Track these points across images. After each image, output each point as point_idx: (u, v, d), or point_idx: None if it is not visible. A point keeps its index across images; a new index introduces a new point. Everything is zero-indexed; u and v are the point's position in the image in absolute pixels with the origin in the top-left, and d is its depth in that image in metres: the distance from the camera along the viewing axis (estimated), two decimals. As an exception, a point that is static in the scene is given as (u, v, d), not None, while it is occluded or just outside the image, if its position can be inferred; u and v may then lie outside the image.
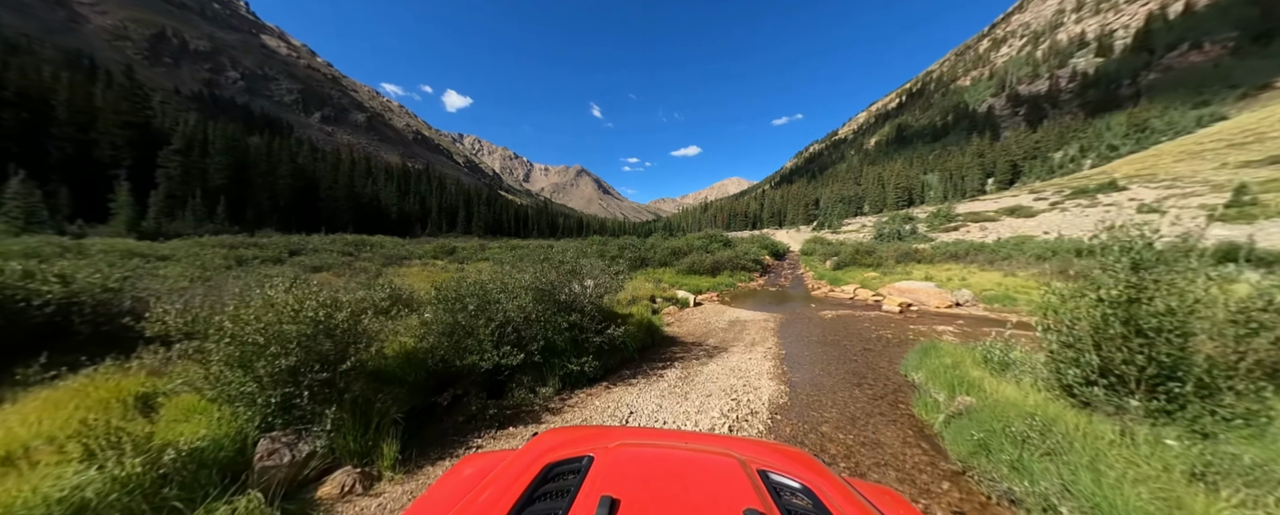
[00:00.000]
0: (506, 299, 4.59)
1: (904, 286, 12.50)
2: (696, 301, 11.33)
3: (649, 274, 16.92)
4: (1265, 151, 46.46)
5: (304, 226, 42.89)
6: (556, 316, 4.86)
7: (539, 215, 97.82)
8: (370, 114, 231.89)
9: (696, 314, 9.71)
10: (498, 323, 4.21)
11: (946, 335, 7.61)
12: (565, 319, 4.88)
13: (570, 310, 5.08)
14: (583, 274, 5.80)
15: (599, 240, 22.86)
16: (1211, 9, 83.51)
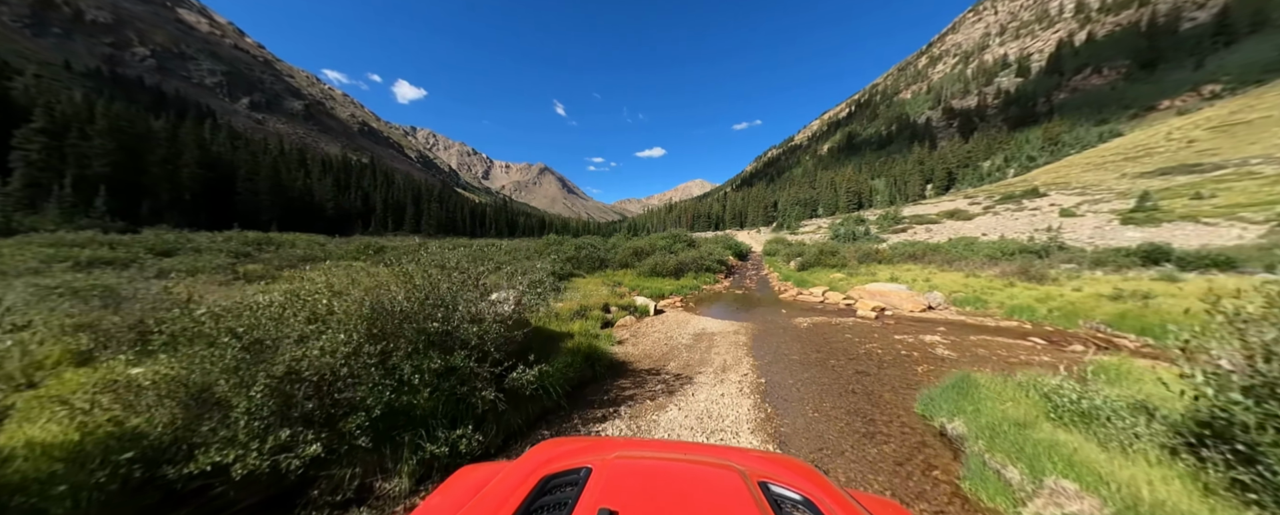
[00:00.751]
0: (314, 333, 2.73)
1: (874, 289, 11.72)
2: (658, 309, 9.85)
3: (607, 277, 15.29)
4: (1154, 164, 52.16)
5: (216, 222, 37.21)
6: (416, 360, 3.07)
7: (498, 214, 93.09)
8: (309, 102, 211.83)
9: (657, 325, 8.20)
10: (274, 383, 2.35)
11: (939, 348, 6.59)
12: (435, 361, 3.07)
13: (449, 347, 3.29)
14: (488, 286, 4.05)
15: (555, 239, 20.89)
16: (1108, 39, 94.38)
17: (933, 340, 7.10)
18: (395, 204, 72.91)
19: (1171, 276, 11.96)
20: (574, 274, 15.33)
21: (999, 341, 7.17)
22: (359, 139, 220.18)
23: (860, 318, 9.45)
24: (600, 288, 11.78)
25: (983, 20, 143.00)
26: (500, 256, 15.79)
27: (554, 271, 13.34)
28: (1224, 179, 39.56)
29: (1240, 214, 27.69)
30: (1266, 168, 39.42)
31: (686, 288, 13.90)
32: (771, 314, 10.04)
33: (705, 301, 12.20)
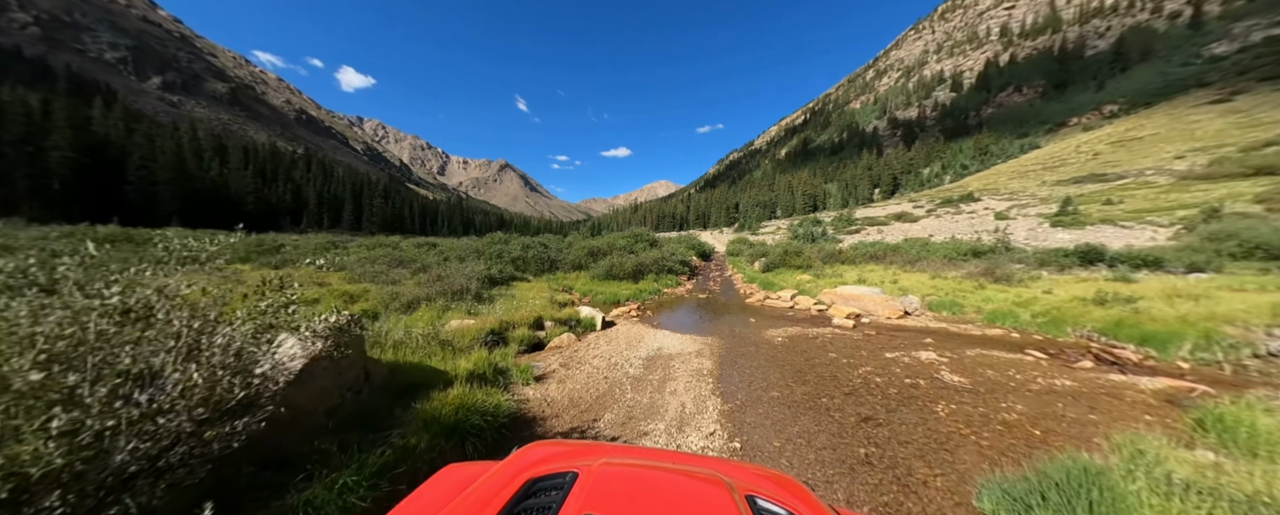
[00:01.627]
0: None
1: (846, 292, 10.65)
2: (607, 321, 8.09)
3: (556, 281, 13.34)
4: (1068, 173, 57.16)
5: (96, 215, 31.02)
6: None
7: (452, 211, 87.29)
8: (235, 85, 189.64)
9: (602, 345, 6.45)
10: None
11: (942, 370, 5.33)
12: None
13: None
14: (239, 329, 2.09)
15: (501, 237, 18.55)
16: (1027, 61, 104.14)
17: (929, 359, 5.87)
18: (332, 199, 66.00)
19: (1125, 277, 11.86)
20: (517, 278, 13.24)
21: (998, 357, 6.08)
22: (296, 128, 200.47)
23: (837, 328, 8.22)
24: (543, 295, 9.87)
25: (923, 38, 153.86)
26: (429, 258, 13.43)
27: (488, 275, 11.22)
28: (1127, 188, 43.57)
29: (1147, 218, 30.27)
30: (1159, 178, 43.85)
31: (645, 292, 12.27)
32: (739, 324, 8.59)
33: (666, 308, 10.60)
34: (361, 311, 6.84)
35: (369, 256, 13.49)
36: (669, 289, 13.75)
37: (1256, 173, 36.22)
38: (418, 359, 4.11)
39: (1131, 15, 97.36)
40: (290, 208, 63.21)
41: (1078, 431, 3.56)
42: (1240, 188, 33.14)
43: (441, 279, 8.32)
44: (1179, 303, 8.14)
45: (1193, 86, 71.84)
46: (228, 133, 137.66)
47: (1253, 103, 60.61)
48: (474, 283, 9.07)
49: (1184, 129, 59.76)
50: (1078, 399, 4.40)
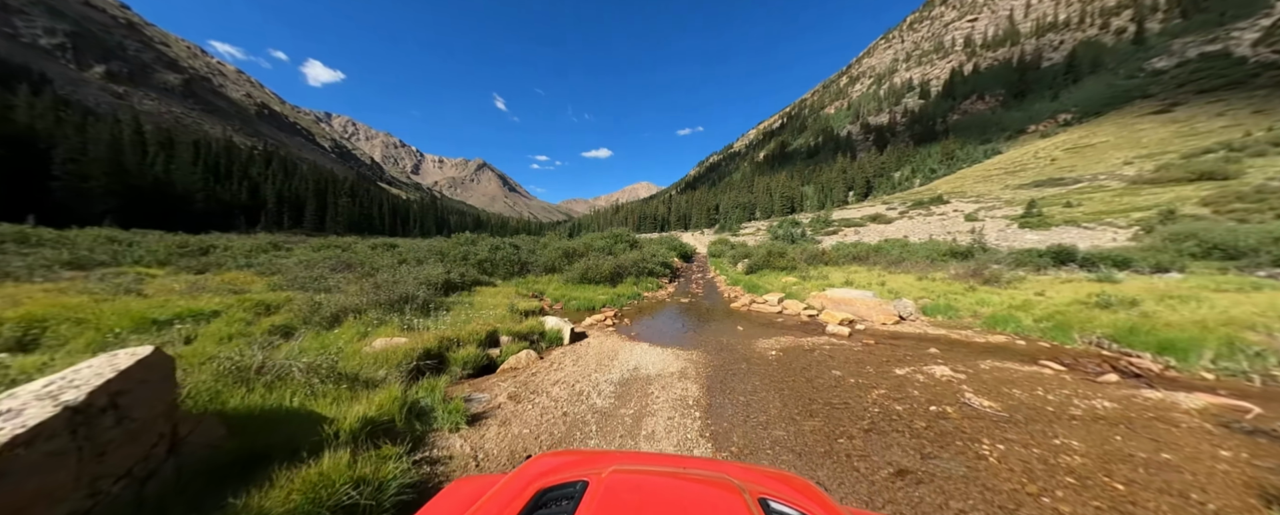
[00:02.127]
0: None
1: (836, 296, 9.94)
2: (577, 332, 7.02)
3: (525, 285, 12.16)
4: (1029, 178, 59.55)
5: (11, 213, 27.50)
6: None
7: (424, 211, 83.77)
8: (189, 76, 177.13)
9: (567, 364, 5.38)
10: None
11: (963, 389, 4.54)
12: None
13: None
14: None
15: (468, 238, 17.14)
16: (988, 71, 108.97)
17: (945, 376, 5.08)
18: (293, 198, 61.99)
19: (1109, 278, 11.66)
20: (482, 282, 11.97)
21: (1016, 371, 5.38)
22: (257, 123, 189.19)
23: (833, 337, 7.42)
24: (507, 302, 8.70)
25: (893, 47, 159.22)
26: (382, 261, 12.00)
27: (446, 280, 9.95)
28: (1083, 191, 45.49)
29: (1106, 220, 31.46)
30: (1112, 183, 45.99)
31: (624, 297, 11.24)
32: (726, 333, 7.68)
33: (645, 314, 9.61)
34: (269, 328, 5.54)
35: (312, 259, 11.93)
36: (649, 293, 12.77)
37: (1199, 178, 38.22)
38: (297, 402, 2.95)
39: (1082, 30, 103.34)
40: (247, 207, 58.96)
41: (1165, 484, 2.76)
42: (1186, 192, 34.91)
43: (383, 286, 7.04)
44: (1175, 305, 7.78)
45: (1137, 97, 76.50)
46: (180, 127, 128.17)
47: (1190, 113, 64.68)
48: (423, 290, 7.82)
49: (1131, 137, 63.21)
50: (1132, 429, 3.65)
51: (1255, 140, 43.22)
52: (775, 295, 11.27)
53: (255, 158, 70.30)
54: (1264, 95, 62.30)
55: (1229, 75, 70.01)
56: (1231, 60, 73.68)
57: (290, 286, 8.51)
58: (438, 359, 4.83)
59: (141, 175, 44.56)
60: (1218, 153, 43.18)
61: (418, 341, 4.84)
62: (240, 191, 59.54)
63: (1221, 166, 38.36)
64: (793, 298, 10.75)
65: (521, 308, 8.29)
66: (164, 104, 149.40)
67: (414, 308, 6.78)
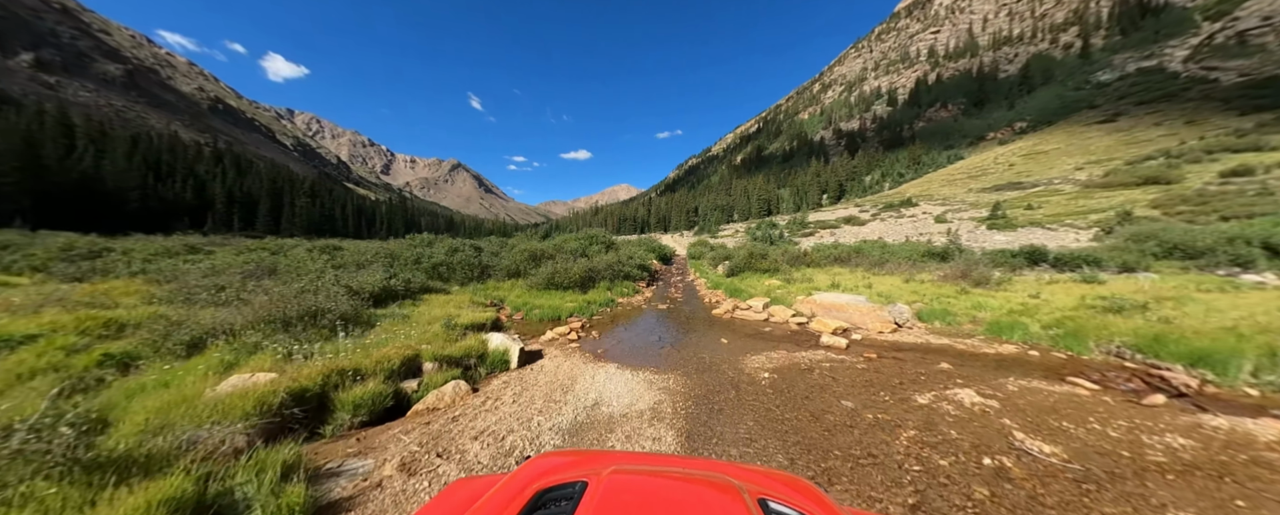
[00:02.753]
0: None
1: (825, 301, 9.06)
2: (530, 350, 5.75)
3: (484, 291, 10.75)
4: (990, 181, 61.88)
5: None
6: None
7: (393, 212, 79.69)
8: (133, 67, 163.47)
9: (506, 399, 4.12)
10: None
11: (1004, 423, 3.58)
12: None
13: None
14: None
15: (425, 240, 15.49)
16: (950, 81, 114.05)
17: (973, 402, 4.13)
18: (246, 197, 57.40)
19: (1093, 278, 11.33)
20: (433, 289, 10.49)
21: (1047, 393, 4.52)
22: (210, 119, 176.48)
23: (829, 349, 6.45)
24: (452, 312, 7.34)
25: (862, 57, 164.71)
26: (314, 266, 10.34)
27: (384, 288, 8.46)
28: (1040, 194, 47.32)
29: (1066, 221, 32.56)
30: (1066, 187, 48.07)
31: (596, 304, 10.01)
32: (709, 347, 6.59)
33: (618, 325, 8.41)
34: (102, 358, 4.05)
35: (227, 264, 10.13)
36: (625, 298, 11.58)
37: (1145, 182, 40.24)
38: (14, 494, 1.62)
39: (1035, 44, 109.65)
40: (192, 207, 54.16)
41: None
42: (1134, 195, 36.64)
43: (278, 300, 5.56)
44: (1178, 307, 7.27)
45: (1084, 108, 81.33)
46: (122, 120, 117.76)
47: (1131, 123, 68.97)
48: (344, 301, 6.37)
49: (1080, 144, 66.72)
50: (1239, 483, 2.75)
51: (1190, 148, 46.06)
52: (760, 300, 10.31)
53: (204, 154, 64.89)
54: (1194, 107, 66.98)
55: (1164, 88, 75.32)
56: (1166, 74, 79.40)
57: (177, 299, 6.86)
58: (319, 401, 3.48)
59: (64, 172, 39.89)
60: (1158, 159, 45.84)
61: (289, 379, 3.47)
62: (184, 190, 54.61)
63: (1164, 172, 40.50)
64: (779, 303, 9.80)
65: (468, 321, 6.94)
66: (102, 95, 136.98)
67: (320, 325, 5.35)
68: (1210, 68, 78.31)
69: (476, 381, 4.62)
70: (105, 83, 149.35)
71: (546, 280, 10.76)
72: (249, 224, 56.33)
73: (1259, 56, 76.06)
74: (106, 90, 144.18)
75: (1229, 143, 44.08)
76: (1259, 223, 18.83)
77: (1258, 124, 50.17)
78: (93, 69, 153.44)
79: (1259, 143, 41.13)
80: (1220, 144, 44.36)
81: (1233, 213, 24.67)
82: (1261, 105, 55.35)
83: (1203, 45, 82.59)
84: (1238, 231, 17.01)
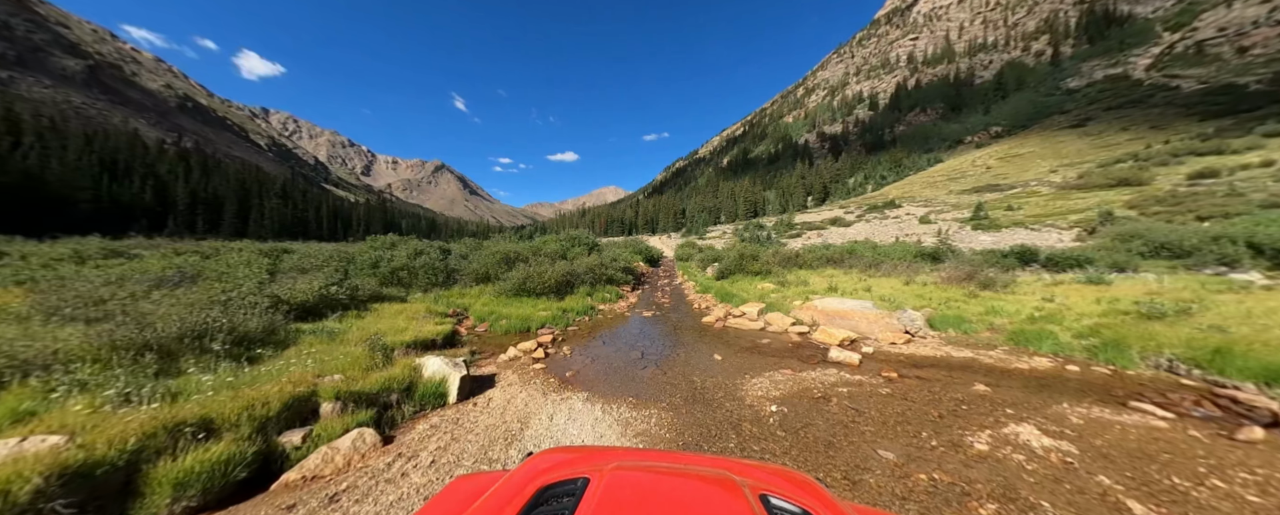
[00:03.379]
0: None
1: (827, 307, 8.13)
2: (475, 378, 4.59)
3: (447, 298, 9.52)
4: (969, 184, 62.78)
5: None
6: None
7: (371, 214, 76.77)
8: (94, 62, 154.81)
9: (419, 462, 2.99)
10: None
11: (1098, 480, 2.62)
12: None
13: None
14: None
15: (387, 241, 14.10)
16: (929, 86, 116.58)
17: (1042, 446, 3.18)
18: (211, 199, 54.18)
19: (1101, 279, 10.74)
20: (386, 297, 9.20)
21: (1118, 426, 3.61)
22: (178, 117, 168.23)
23: (840, 365, 5.48)
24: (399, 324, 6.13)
25: (844, 62, 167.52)
26: (248, 271, 8.95)
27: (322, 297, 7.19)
28: (1019, 196, 47.97)
29: (1047, 222, 32.82)
30: (1043, 188, 48.89)
31: (573, 312, 8.87)
32: (701, 365, 5.54)
33: (594, 337, 7.31)
34: None
35: (141, 271, 8.65)
36: (607, 305, 10.46)
37: (1118, 184, 41.00)
38: None
39: (1008, 52, 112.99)
40: (151, 208, 50.80)
41: None
42: (1109, 196, 37.24)
43: (135, 318, 4.30)
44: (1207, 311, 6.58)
45: (1056, 113, 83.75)
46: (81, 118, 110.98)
47: (1101, 127, 71.11)
48: (255, 317, 5.10)
49: (1053, 148, 68.35)
50: None
51: (1157, 152, 47.30)
52: (754, 306, 9.33)
53: (166, 153, 61.19)
54: (1158, 113, 69.36)
55: (1129, 95, 78.15)
56: (1131, 82, 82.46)
57: (45, 313, 5.47)
58: (124, 481, 2.28)
59: (3, 171, 36.63)
60: (1127, 163, 47.03)
61: (80, 446, 2.26)
62: (143, 191, 51.17)
63: (1136, 174, 41.35)
64: (776, 310, 8.83)
65: (411, 337, 5.75)
66: (60, 92, 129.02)
67: (222, 341, 4.10)
68: (1172, 75, 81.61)
69: (395, 426, 3.45)
70: (64, 78, 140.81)
71: (518, 286, 9.56)
72: (214, 227, 53.17)
73: (1216, 65, 79.61)
74: (64, 86, 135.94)
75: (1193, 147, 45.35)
76: (1240, 222, 18.80)
77: (1217, 129, 51.96)
78: (50, 64, 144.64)
79: (1221, 147, 42.38)
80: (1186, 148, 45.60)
81: (1208, 213, 24.87)
82: (1220, 111, 57.58)
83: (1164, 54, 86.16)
84: (1221, 231, 16.87)
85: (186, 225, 51.85)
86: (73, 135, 51.26)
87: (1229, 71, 76.97)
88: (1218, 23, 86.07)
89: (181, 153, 62.65)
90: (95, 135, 54.35)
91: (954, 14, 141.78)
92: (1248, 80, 69.57)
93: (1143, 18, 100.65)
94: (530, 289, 9.60)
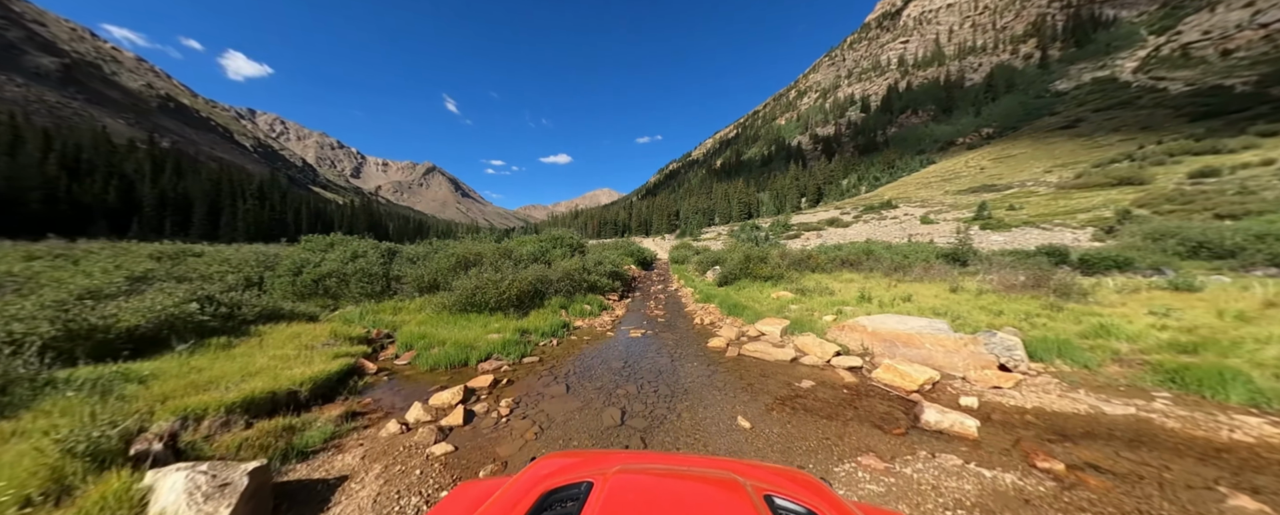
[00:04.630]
0: None
1: (879, 328, 5.93)
2: (282, 486, 2.28)
3: (371, 315, 7.16)
4: (964, 184, 61.56)
5: None
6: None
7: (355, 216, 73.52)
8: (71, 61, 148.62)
9: None
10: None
11: None
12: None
13: None
14: None
15: (321, 242, 11.64)
16: (920, 89, 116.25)
17: None
18: (181, 199, 50.77)
19: (1186, 285, 8.73)
20: (285, 315, 6.82)
21: None
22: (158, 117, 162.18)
23: (948, 436, 3.27)
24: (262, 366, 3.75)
25: (836, 65, 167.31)
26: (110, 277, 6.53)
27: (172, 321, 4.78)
28: (1016, 196, 46.61)
29: (1056, 221, 31.24)
30: (1040, 188, 47.62)
31: (538, 333, 6.59)
32: (719, 441, 3.29)
33: (560, 370, 5.03)
34: None
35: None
36: (585, 320, 8.18)
37: (1120, 183, 39.68)
38: None
39: (997, 55, 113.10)
40: (114, 209, 47.33)
41: None
42: (1112, 195, 35.83)
43: None
44: None
45: (1046, 114, 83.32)
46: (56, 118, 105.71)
47: (1091, 128, 70.48)
48: None
49: (1045, 149, 67.45)
50: None
51: (1151, 152, 46.32)
52: (773, 322, 7.10)
53: (137, 152, 57.54)
54: (1147, 114, 68.95)
55: (1118, 96, 77.88)
56: (1118, 84, 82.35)
57: None
58: None
59: (-63, 166, 33.24)
60: (1123, 162, 45.99)
61: None
62: (106, 191, 47.68)
63: (1136, 173, 40.11)
64: (805, 330, 6.60)
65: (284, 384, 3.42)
66: (33, 90, 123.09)
67: None
68: (1158, 78, 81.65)
69: None
70: (38, 76, 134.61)
71: (465, 299, 7.22)
72: (183, 229, 49.80)
73: (1202, 68, 79.77)
74: (38, 84, 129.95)
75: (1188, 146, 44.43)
76: (1274, 220, 17.14)
77: (1209, 129, 51.34)
78: (24, 62, 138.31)
79: (1216, 146, 41.46)
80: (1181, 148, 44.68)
81: (1227, 211, 23.34)
82: (1209, 112, 57.06)
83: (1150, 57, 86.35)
84: (1263, 228, 15.20)
85: (153, 227, 48.44)
86: (31, 131, 47.63)
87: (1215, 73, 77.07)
88: (1202, 26, 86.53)
89: (152, 151, 59.03)
90: (57, 132, 50.72)
91: (943, 17, 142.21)
92: (1234, 82, 69.51)
93: (1127, 21, 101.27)
94: (482, 302, 7.27)
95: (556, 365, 5.45)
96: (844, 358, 5.42)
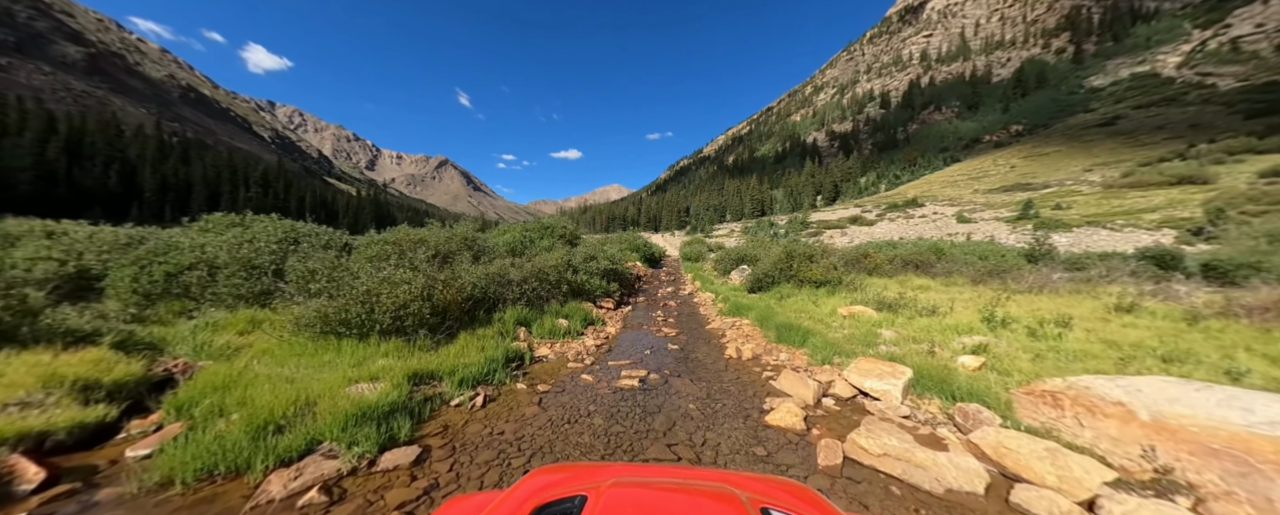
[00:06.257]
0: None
1: (1168, 414, 2.73)
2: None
3: (202, 333, 4.03)
4: (994, 183, 56.89)
5: None
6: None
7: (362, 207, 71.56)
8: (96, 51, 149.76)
9: None
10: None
11: None
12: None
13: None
14: None
15: (223, 221, 8.73)
16: (944, 84, 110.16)
17: None
18: (179, 184, 49.07)
19: None
20: (53, 332, 3.80)
21: None
22: (180, 107, 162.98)
23: None
24: None
25: (854, 60, 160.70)
26: None
27: None
28: (1057, 194, 42.12)
29: (1119, 221, 27.31)
30: (1082, 187, 43.09)
31: (452, 381, 3.60)
32: None
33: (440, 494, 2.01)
34: None
35: None
36: (556, 344, 5.17)
37: (1180, 181, 35.36)
38: None
39: (1027, 49, 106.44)
40: (115, 194, 45.80)
41: None
42: (1174, 194, 31.59)
43: None
44: None
45: (1080, 111, 77.48)
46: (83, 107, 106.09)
47: (1132, 126, 64.85)
48: None
49: (1082, 147, 62.19)
50: None
51: (1206, 150, 41.69)
52: (876, 368, 3.97)
53: (143, 138, 56.14)
54: (1196, 111, 63.20)
55: (1161, 93, 71.88)
56: (1161, 80, 76.14)
57: None
58: None
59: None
60: (1173, 161, 41.43)
61: None
62: (106, 175, 46.15)
63: (1198, 171, 35.67)
64: (967, 394, 3.45)
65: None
66: (58, 79, 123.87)
67: None
68: (1205, 73, 75.19)
69: None
70: (64, 65, 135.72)
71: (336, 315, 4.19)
72: (181, 212, 48.10)
73: (1254, 63, 73.20)
74: (64, 73, 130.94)
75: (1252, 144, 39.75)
76: None
77: (1268, 127, 45.96)
78: (51, 51, 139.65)
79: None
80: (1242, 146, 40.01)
81: (1346, 212, 19.25)
82: (1265, 109, 51.45)
83: (1195, 51, 79.73)
84: None
85: (154, 212, 46.81)
86: (35, 115, 46.22)
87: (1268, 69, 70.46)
88: (1254, 18, 79.58)
89: (159, 137, 57.62)
90: (63, 117, 49.34)
91: (970, 10, 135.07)
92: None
93: (1169, 14, 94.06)
94: (366, 321, 4.23)
95: (442, 476, 2.39)
96: (1057, 474, 2.25)
